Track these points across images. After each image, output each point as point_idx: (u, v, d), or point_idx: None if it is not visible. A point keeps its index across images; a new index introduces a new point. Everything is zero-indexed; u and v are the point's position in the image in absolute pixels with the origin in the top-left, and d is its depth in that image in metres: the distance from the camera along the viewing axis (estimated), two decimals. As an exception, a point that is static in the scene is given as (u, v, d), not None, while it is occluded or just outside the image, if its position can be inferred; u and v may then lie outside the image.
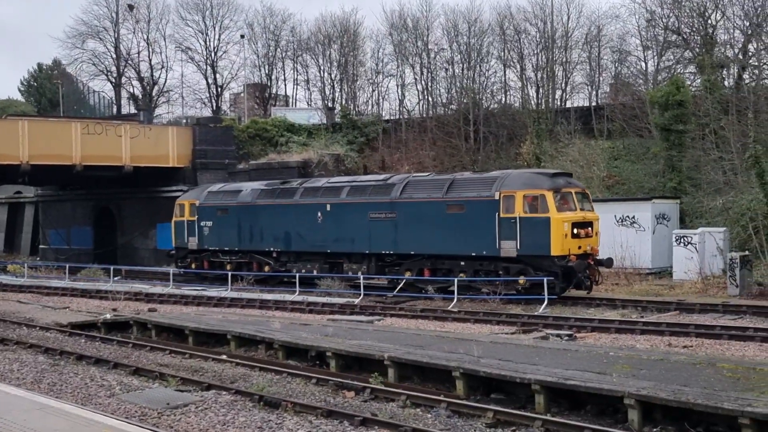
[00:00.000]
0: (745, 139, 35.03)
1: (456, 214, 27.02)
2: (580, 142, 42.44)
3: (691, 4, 43.50)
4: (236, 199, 34.53)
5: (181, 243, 36.54)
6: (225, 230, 34.60)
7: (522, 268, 25.78)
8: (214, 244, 35.14)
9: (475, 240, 26.49)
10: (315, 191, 31.83)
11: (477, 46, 51.31)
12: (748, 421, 10.40)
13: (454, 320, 23.48)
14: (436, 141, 48.79)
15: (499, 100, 51.79)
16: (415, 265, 28.45)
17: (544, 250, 25.20)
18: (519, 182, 26.15)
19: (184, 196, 37.85)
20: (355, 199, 30.15)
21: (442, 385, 14.57)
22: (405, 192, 28.74)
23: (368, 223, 29.39)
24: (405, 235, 28.45)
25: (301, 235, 31.80)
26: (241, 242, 34.11)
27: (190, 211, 36.06)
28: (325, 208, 30.87)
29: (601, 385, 12.15)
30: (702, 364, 13.73)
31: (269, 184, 34.57)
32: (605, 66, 50.38)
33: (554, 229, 25.08)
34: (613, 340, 19.23)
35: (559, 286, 25.30)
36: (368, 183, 30.71)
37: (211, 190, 36.55)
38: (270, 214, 32.82)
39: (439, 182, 28.41)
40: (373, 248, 29.45)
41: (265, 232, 33.07)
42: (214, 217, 35.10)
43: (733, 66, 42.17)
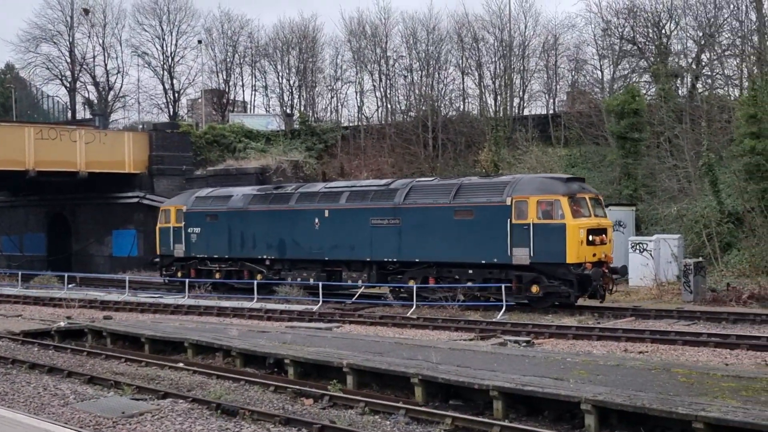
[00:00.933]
0: (699, 147, 35.64)
1: (464, 221, 26.11)
2: (538, 149, 42.83)
3: (646, 14, 44.21)
4: (227, 205, 33.23)
5: (167, 251, 35.04)
6: (214, 237, 33.30)
7: (535, 277, 24.89)
8: (203, 251, 33.76)
9: (484, 247, 25.57)
10: (312, 196, 30.66)
11: (435, 53, 51.57)
12: (702, 425, 10.53)
13: (413, 327, 23.49)
14: (395, 148, 48.89)
15: (457, 108, 52.09)
16: (419, 273, 27.33)
17: (559, 257, 24.36)
18: (532, 187, 25.30)
19: (170, 202, 36.45)
20: (355, 205, 29.02)
21: (401, 391, 14.55)
22: (409, 197, 27.68)
23: (370, 229, 28.31)
24: (409, 241, 27.39)
25: (296, 242, 30.59)
26: (231, 250, 32.80)
27: (176, 218, 34.65)
28: (322, 214, 29.72)
29: (558, 391, 12.23)
30: (657, 370, 13.89)
31: (262, 189, 33.57)
32: (562, 74, 51.00)
33: (570, 236, 24.26)
34: (570, 346, 19.38)
35: (574, 295, 24.63)
36: (369, 188, 29.57)
37: (198, 195, 35.18)
38: (263, 221, 31.57)
39: (445, 187, 27.40)
40: (374, 256, 28.32)
41: (258, 239, 31.83)
42: (202, 224, 33.74)
43: (687, 75, 42.91)
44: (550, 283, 24.62)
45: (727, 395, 11.59)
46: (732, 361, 16.89)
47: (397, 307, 27.34)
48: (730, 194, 33.82)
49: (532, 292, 24.96)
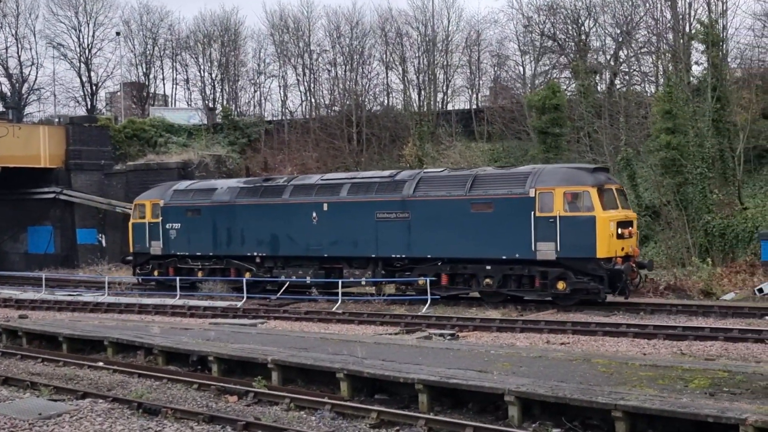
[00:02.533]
0: (617, 142, 36.49)
1: (482, 214, 24.61)
2: (461, 144, 43.25)
3: (566, 11, 45.03)
4: (210, 198, 31.03)
5: (142, 248, 32.62)
6: (196, 233, 31.11)
7: (561, 272, 23.57)
8: (183, 248, 31.49)
9: (505, 242, 24.13)
10: (308, 189, 28.69)
11: (359, 48, 51.59)
12: (621, 414, 10.76)
13: (338, 322, 23.45)
14: (319, 142, 48.74)
15: (381, 102, 52.23)
16: (430, 270, 25.75)
17: (589, 252, 23.06)
18: (557, 178, 23.95)
19: (144, 196, 33.88)
20: (358, 198, 27.18)
21: (327, 387, 14.50)
22: (419, 189, 26.02)
23: (375, 224, 26.60)
24: (420, 237, 25.77)
25: (291, 237, 28.61)
26: (216, 246, 30.63)
27: (152, 212, 32.30)
28: (321, 208, 27.84)
29: (483, 383, 12.34)
30: (578, 360, 14.14)
31: (249, 182, 31.54)
32: (485, 70, 51.58)
33: (600, 229, 23.00)
34: (494, 339, 19.60)
35: (604, 291, 23.49)
36: (373, 180, 27.69)
37: (177, 188, 32.73)
38: (253, 215, 29.51)
39: (459, 178, 25.81)
40: (380, 252, 26.63)
41: (247, 235, 29.75)
42: (182, 219, 31.48)
43: (606, 72, 43.84)
44: (578, 279, 23.36)
45: (645, 384, 11.86)
46: (650, 351, 17.32)
47: (322, 303, 27.25)
48: (647, 188, 34.72)
49: (558, 288, 23.66)
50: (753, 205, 30.78)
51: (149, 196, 33.36)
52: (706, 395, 11.05)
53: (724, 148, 33.05)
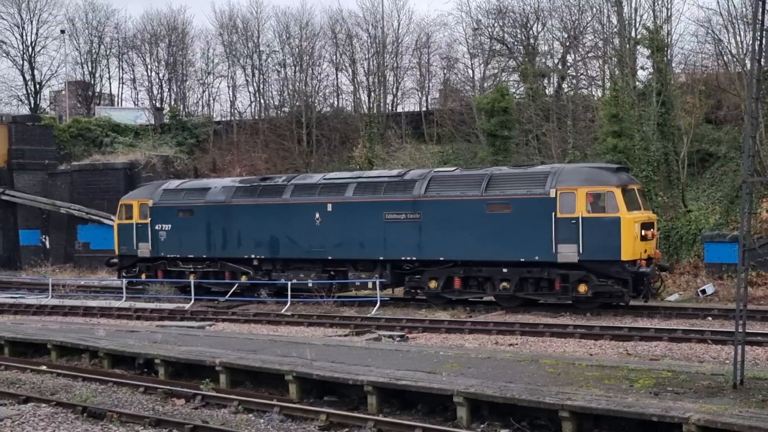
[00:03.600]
0: (565, 145, 36.89)
1: (499, 215, 23.81)
2: (411, 146, 43.33)
3: (514, 15, 45.37)
4: (204, 198, 29.59)
5: (129, 250, 30.97)
6: (189, 235, 29.60)
7: (583, 275, 22.84)
8: (174, 250, 29.96)
9: (523, 244, 23.30)
10: (310, 189, 27.55)
11: (309, 49, 51.37)
12: (568, 414, 10.88)
13: (287, 324, 23.36)
14: (269, 143, 48.44)
15: (331, 104, 52.11)
16: (442, 273, 24.95)
17: (613, 254, 22.34)
18: (579, 178, 23.20)
19: (131, 195, 32.45)
20: (365, 198, 26.16)
21: (276, 389, 14.42)
22: (431, 189, 25.11)
23: (383, 225, 25.60)
24: (432, 238, 24.80)
25: (292, 239, 27.43)
26: (210, 249, 29.22)
27: (140, 213, 30.68)
28: (324, 208, 26.75)
29: (432, 385, 12.38)
30: (526, 361, 14.26)
31: (246, 181, 30.13)
32: (434, 72, 51.70)
33: (625, 230, 22.32)
34: (444, 340, 19.69)
35: (628, 294, 22.76)
36: (380, 179, 26.65)
37: (167, 187, 31.19)
38: (250, 216, 28.21)
39: (474, 178, 24.92)
40: (389, 254, 25.63)
41: (244, 237, 28.45)
42: (173, 220, 29.96)
43: (554, 75, 44.30)
44: (601, 282, 22.64)
45: (591, 384, 12.01)
46: (596, 351, 17.55)
47: (271, 305, 27.09)
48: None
49: (580, 292, 22.93)
50: (696, 208, 31.35)
51: (136, 195, 31.92)
52: (651, 395, 11.22)
53: (669, 152, 33.63)
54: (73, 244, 43.87)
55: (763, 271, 26.47)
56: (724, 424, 9.67)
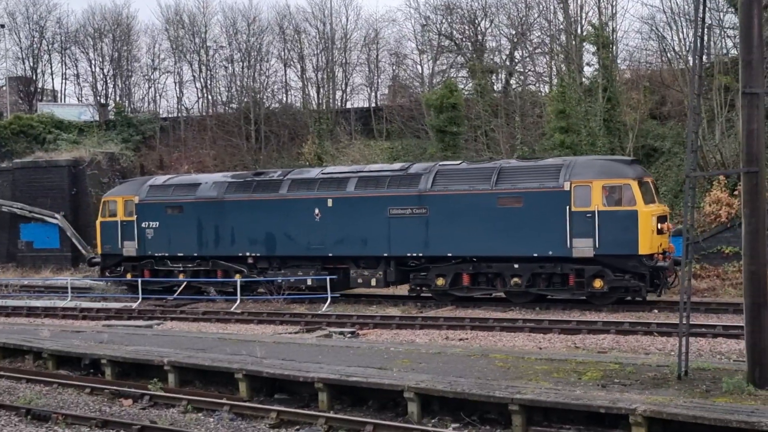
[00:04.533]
0: (513, 141, 37.22)
1: (510, 209, 23.16)
2: (360, 142, 43.32)
3: (462, 11, 45.63)
4: (195, 195, 28.40)
5: (113, 249, 29.64)
6: (178, 232, 28.40)
7: (599, 270, 22.34)
8: (163, 249, 28.74)
9: (536, 238, 22.71)
10: (309, 184, 26.55)
11: (257, 44, 51.03)
12: (518, 407, 10.97)
13: (237, 322, 23.17)
14: (217, 140, 48.03)
15: (279, 100, 51.85)
16: (450, 270, 24.25)
17: (631, 248, 21.89)
18: (595, 170, 22.61)
19: (115, 191, 31.04)
20: (367, 193, 25.29)
21: (226, 387, 14.30)
22: (438, 183, 24.36)
23: (387, 220, 24.80)
24: (439, 234, 24.09)
25: (289, 236, 26.47)
26: (202, 247, 28.05)
27: (125, 210, 29.46)
28: (324, 204, 25.85)
29: (382, 380, 12.38)
30: (476, 356, 14.34)
31: (239, 176, 28.97)
32: (383, 68, 51.77)
33: (642, 224, 21.85)
34: (394, 336, 19.71)
35: (645, 289, 22.31)
36: (383, 173, 25.86)
37: (153, 183, 29.92)
38: (245, 212, 27.21)
39: (483, 171, 24.17)
40: (393, 251, 24.88)
41: (238, 234, 27.37)
42: (161, 217, 28.75)
43: (502, 72, 44.64)
44: (617, 277, 22.18)
45: (540, 377, 12.12)
46: (545, 345, 17.71)
47: (221, 303, 26.86)
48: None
49: (595, 287, 22.37)
50: (642, 202, 31.84)
51: (121, 192, 30.58)
52: (599, 387, 11.36)
53: (615, 147, 34.09)
54: (15, 243, 42.98)
55: (707, 264, 26.99)
56: (669, 414, 9.84)
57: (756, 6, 10.68)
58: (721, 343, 17.23)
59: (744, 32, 10.80)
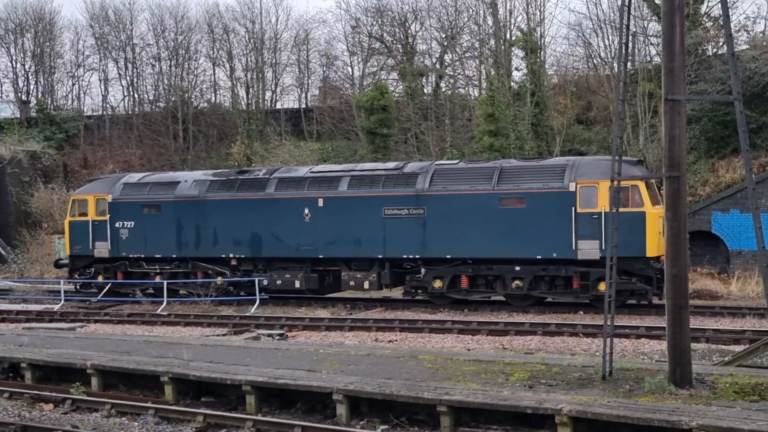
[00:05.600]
0: (443, 143, 37.51)
1: (512, 210, 22.52)
2: (290, 143, 43.13)
3: (393, 14, 45.80)
4: (173, 193, 27.14)
5: (83, 249, 28.22)
6: (155, 232, 27.14)
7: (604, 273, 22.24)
8: (138, 250, 27.43)
9: (539, 240, 22.08)
10: (297, 183, 25.56)
11: (185, 43, 50.39)
12: (446, 408, 11.02)
13: (163, 324, 22.82)
14: (143, 139, 47.27)
15: (208, 99, 51.30)
16: (448, 272, 23.61)
17: (638, 250, 21.38)
18: (600, 171, 21.80)
19: (86, 189, 29.39)
20: (361, 192, 24.50)
21: (151, 391, 14.04)
22: (436, 183, 23.66)
23: (382, 221, 24.00)
24: (438, 235, 23.39)
25: (277, 237, 25.46)
26: (181, 248, 26.83)
27: (96, 209, 28.03)
28: (315, 204, 24.90)
29: (311, 383, 12.31)
30: (405, 357, 14.37)
31: (221, 174, 27.69)
32: (314, 69, 51.63)
33: (650, 225, 21.47)
34: (324, 337, 19.66)
35: (652, 292, 21.80)
36: (377, 172, 25.00)
37: (128, 181, 28.47)
38: (228, 212, 26.06)
39: (483, 171, 23.45)
40: (389, 252, 24.09)
41: (221, 235, 26.25)
42: (137, 216, 27.41)
43: (432, 75, 44.95)
44: (623, 280, 21.23)
45: (468, 378, 12.20)
46: (473, 346, 17.87)
47: (146, 304, 26.40)
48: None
49: (600, 290, 21.52)
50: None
51: (92, 190, 28.95)
52: (526, 388, 11.49)
53: (543, 151, 34.65)
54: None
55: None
56: (594, 414, 10.00)
57: (678, 15, 10.95)
58: (644, 343, 17.66)
59: (666, 40, 11.05)
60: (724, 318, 20.88)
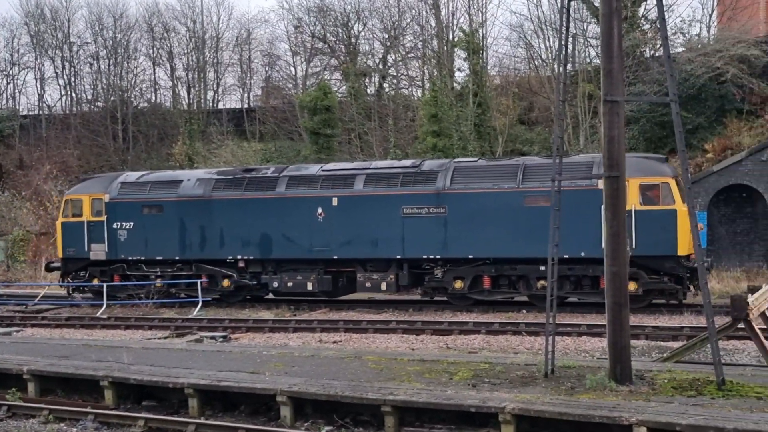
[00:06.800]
0: (387, 144, 37.56)
1: (538, 208, 21.61)
2: (233, 143, 42.79)
3: (335, 14, 45.75)
4: (176, 192, 25.99)
5: (78, 252, 26.93)
6: (157, 234, 26.01)
7: (634, 272, 20.75)
8: (138, 252, 26.28)
9: (567, 239, 20.08)
10: (309, 181, 24.68)
11: (124, 42, 49.65)
12: (390, 408, 11.02)
13: (103, 327, 22.42)
14: (81, 139, 46.46)
15: (148, 99, 50.63)
16: (469, 272, 22.96)
17: (669, 248, 21.06)
18: (630, 168, 20.11)
19: (80, 189, 28.01)
20: (378, 191, 23.69)
21: (90, 396, 13.78)
22: (457, 181, 22.97)
23: (401, 220, 23.30)
24: (460, 235, 22.70)
25: (288, 237, 24.55)
26: (185, 249, 25.75)
27: (92, 209, 26.78)
28: (329, 203, 24.09)
29: (255, 385, 12.21)
30: (350, 358, 14.34)
31: (226, 173, 26.54)
32: (256, 69, 51.34)
33: (681, 223, 20.96)
34: (267, 339, 19.52)
35: (682, 291, 21.47)
36: (394, 170, 24.16)
37: (125, 180, 27.18)
38: (236, 212, 25.12)
39: (506, 169, 22.67)
40: (408, 252, 23.37)
41: (227, 236, 25.26)
42: (137, 217, 26.25)
43: (375, 75, 45.02)
44: (652, 279, 21.31)
45: (413, 378, 12.22)
46: (418, 346, 17.91)
47: (86, 308, 25.92)
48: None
49: (629, 290, 21.25)
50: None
51: (87, 189, 27.54)
52: (469, 386, 11.55)
53: (486, 151, 34.94)
54: None
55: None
56: (537, 412, 10.10)
57: (616, 18, 11.12)
58: (585, 341, 17.90)
59: (605, 42, 11.21)
60: (663, 315, 21.28)
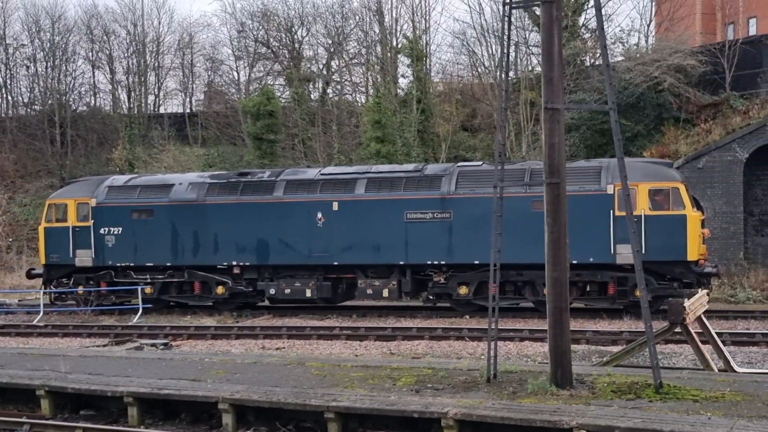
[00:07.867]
0: (330, 150, 37.53)
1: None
2: (175, 148, 42.32)
3: (279, 19, 45.59)
4: (167, 197, 25.24)
5: (62, 258, 25.98)
6: (147, 239, 25.19)
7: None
8: (127, 258, 25.41)
9: (575, 244, 19.97)
10: (309, 185, 24.09)
11: (62, 44, 48.75)
12: (333, 414, 10.99)
13: (39, 335, 21.95)
14: (18, 143, 45.47)
15: (87, 103, 49.80)
16: (474, 278, 22.63)
17: (679, 254, 20.99)
18: (639, 173, 21.08)
19: (64, 193, 27.10)
20: (380, 195, 23.25)
21: (26, 405, 13.47)
22: (462, 185, 22.64)
23: (404, 225, 22.89)
24: (465, 240, 22.35)
25: (286, 243, 23.96)
26: (176, 255, 24.99)
27: (77, 214, 25.91)
28: (329, 207, 23.53)
29: (196, 392, 12.07)
30: (293, 364, 14.26)
31: (219, 176, 25.84)
32: (198, 73, 50.88)
33: (691, 229, 21.01)
34: (210, 346, 19.33)
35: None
36: (397, 174, 23.73)
37: (112, 184, 26.28)
38: (230, 217, 24.44)
39: (513, 173, 21.88)
40: (411, 258, 22.96)
41: (222, 241, 24.54)
42: (125, 222, 25.39)
43: (319, 81, 44.96)
44: (661, 285, 21.25)
45: (356, 384, 12.20)
46: (361, 352, 17.92)
47: (21, 315, 25.35)
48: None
49: (637, 295, 19.75)
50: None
51: (72, 193, 26.65)
52: (413, 392, 11.57)
53: (429, 158, 35.13)
54: None
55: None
56: (479, 416, 10.17)
57: (556, 26, 11.27)
58: (527, 346, 18.10)
59: (546, 50, 11.35)
60: (602, 320, 21.60)
